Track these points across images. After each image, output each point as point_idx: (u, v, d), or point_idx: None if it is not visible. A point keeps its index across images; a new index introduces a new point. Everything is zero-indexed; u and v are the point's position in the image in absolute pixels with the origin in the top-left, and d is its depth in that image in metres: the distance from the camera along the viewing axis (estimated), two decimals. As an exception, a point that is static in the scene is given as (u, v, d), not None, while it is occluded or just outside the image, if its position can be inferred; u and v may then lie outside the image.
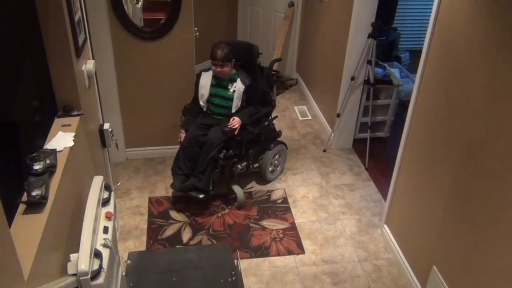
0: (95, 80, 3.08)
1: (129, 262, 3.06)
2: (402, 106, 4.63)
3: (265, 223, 3.56)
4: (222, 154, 3.46)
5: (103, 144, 3.14)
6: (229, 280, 2.96)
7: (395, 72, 4.57)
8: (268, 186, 3.96)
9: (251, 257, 3.25)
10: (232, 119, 3.47)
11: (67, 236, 2.14)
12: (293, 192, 3.90)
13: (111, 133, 3.14)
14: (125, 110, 4.00)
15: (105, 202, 2.32)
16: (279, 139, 4.03)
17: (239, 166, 3.66)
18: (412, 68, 5.23)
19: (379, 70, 4.41)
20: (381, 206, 3.72)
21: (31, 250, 1.66)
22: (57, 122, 2.54)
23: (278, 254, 3.28)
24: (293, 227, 3.52)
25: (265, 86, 3.83)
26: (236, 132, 3.46)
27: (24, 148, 2.66)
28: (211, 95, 3.59)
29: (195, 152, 3.48)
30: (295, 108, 5.24)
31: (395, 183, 3.24)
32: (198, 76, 3.63)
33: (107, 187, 2.40)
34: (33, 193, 1.82)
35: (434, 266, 2.69)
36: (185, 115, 3.68)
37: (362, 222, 3.59)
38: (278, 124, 4.87)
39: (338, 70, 4.24)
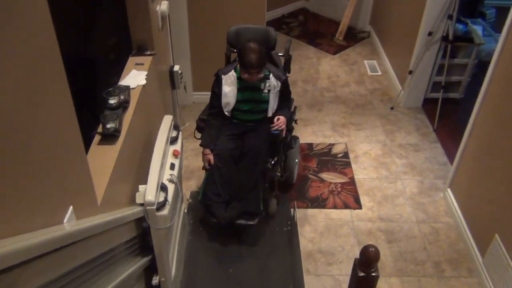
0: (168, 21, 3.14)
1: (190, 200, 3.21)
2: (481, 66, 4.33)
3: (324, 175, 3.57)
4: (269, 163, 2.87)
5: (172, 85, 3.24)
6: (285, 229, 3.03)
7: (477, 29, 4.26)
8: (330, 140, 3.93)
9: (307, 207, 3.30)
10: (276, 118, 2.80)
11: (137, 169, 2.27)
12: (355, 147, 3.86)
13: (180, 75, 3.23)
14: (194, 53, 4.05)
15: (173, 141, 2.43)
16: None
17: (278, 174, 3.08)
18: (497, 26, 4.84)
19: (460, 27, 4.12)
20: (446, 169, 3.60)
21: (104, 177, 1.78)
22: (131, 60, 2.64)
23: (335, 207, 3.30)
24: (352, 182, 3.51)
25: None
26: (284, 134, 2.86)
27: (100, 84, 2.81)
28: (239, 102, 2.81)
29: (232, 171, 2.79)
30: (365, 62, 5.07)
31: (464, 147, 3.10)
32: (218, 81, 2.81)
33: (175, 127, 2.50)
34: (108, 126, 1.94)
35: (496, 235, 2.61)
36: (204, 131, 2.90)
37: (424, 184, 3.51)
38: (345, 78, 4.77)
39: (415, 24, 4.01)
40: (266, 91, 2.79)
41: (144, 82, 2.42)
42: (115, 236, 1.81)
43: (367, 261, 1.51)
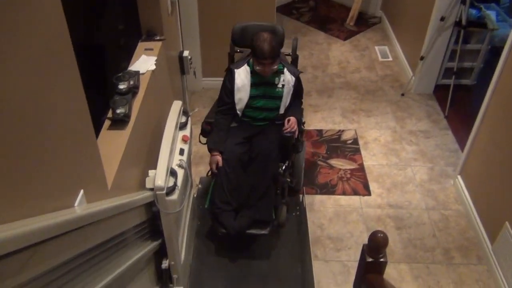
0: (177, 6, 3.12)
1: (200, 186, 3.23)
2: (494, 52, 4.26)
3: (333, 162, 3.57)
4: (281, 169, 2.67)
5: (182, 71, 3.23)
6: (293, 214, 3.04)
7: (491, 14, 4.18)
8: (340, 126, 3.92)
9: (316, 193, 3.30)
10: (287, 120, 2.61)
11: (146, 154, 2.28)
12: (364, 134, 3.84)
13: (190, 61, 3.22)
14: (204, 38, 4.04)
15: (183, 126, 2.44)
16: None
17: (288, 180, 2.82)
18: (511, 11, 4.75)
19: (473, 11, 4.05)
20: (457, 156, 3.57)
21: (114, 162, 1.80)
22: (141, 46, 2.64)
23: (344, 193, 3.30)
24: (361, 169, 3.50)
25: None
26: (296, 136, 2.69)
27: (110, 69, 2.81)
28: (252, 97, 2.68)
29: (240, 177, 2.63)
30: (376, 48, 5.01)
31: (476, 134, 3.07)
32: (231, 75, 2.66)
33: (185, 112, 2.50)
34: (118, 111, 1.94)
35: (506, 223, 2.59)
36: (212, 132, 2.71)
37: (434, 170, 3.48)
38: (356, 64, 4.73)
39: (427, 9, 3.95)
40: (281, 86, 2.67)
41: (153, 67, 2.42)
42: (125, 220, 1.82)
43: (375, 247, 1.51)
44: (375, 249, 1.51)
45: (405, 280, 2.75)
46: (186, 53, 3.21)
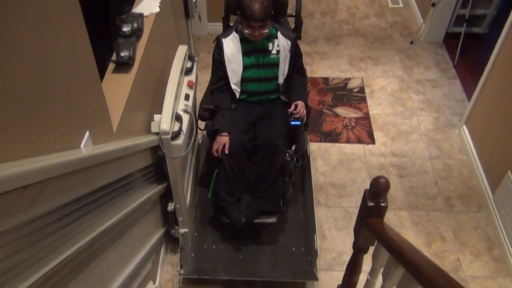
0: None
1: (205, 132, 3.24)
2: (509, 0, 4.13)
3: (339, 110, 3.56)
4: (288, 155, 2.42)
5: (187, 14, 3.17)
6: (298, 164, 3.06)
7: (509, -41, 4.01)
8: (347, 74, 3.87)
9: (320, 141, 3.32)
10: (294, 105, 2.39)
11: (152, 98, 2.28)
12: (371, 82, 3.80)
13: (195, 4, 3.14)
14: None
15: (188, 71, 2.42)
16: None
17: (296, 163, 2.55)
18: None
19: (490, -45, 3.89)
20: (463, 106, 3.54)
21: (119, 105, 1.80)
22: (144, -13, 2.56)
23: (348, 141, 3.31)
24: (366, 117, 3.49)
25: None
26: (305, 120, 2.49)
27: (113, 11, 2.75)
28: (246, 67, 2.41)
29: (245, 165, 2.44)
30: (387, -6, 4.86)
31: (484, 84, 3.03)
32: (219, 46, 2.41)
33: (190, 57, 2.47)
34: (122, 54, 1.93)
35: (509, 172, 2.61)
36: (216, 114, 2.43)
37: (439, 120, 3.47)
38: (365, 10, 4.60)
39: (442, -48, 3.79)
40: (275, 51, 2.41)
41: (157, 9, 2.37)
42: (131, 163, 1.85)
43: (377, 192, 1.53)
44: (376, 194, 1.53)
45: (404, 226, 2.81)
46: (190, -4, 3.13)
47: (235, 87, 2.44)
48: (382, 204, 1.56)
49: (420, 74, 3.87)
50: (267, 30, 2.29)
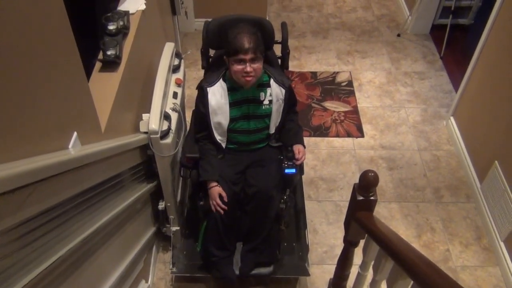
0: None
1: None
2: (494, -9, 4.17)
3: (327, 104, 3.57)
4: (283, 201, 2.24)
5: (173, 11, 3.15)
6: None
7: (493, -50, 4.04)
8: (335, 68, 3.88)
9: (310, 135, 3.33)
10: (296, 149, 2.21)
11: (140, 97, 2.27)
12: (359, 75, 3.81)
13: (181, 0, 3.13)
14: (195, -22, 3.90)
15: (175, 69, 2.41)
16: None
17: (290, 207, 2.38)
18: None
19: None
20: (450, 97, 3.58)
21: (107, 105, 1.79)
22: (130, -16, 2.54)
23: (337, 135, 3.33)
24: (355, 111, 3.51)
25: None
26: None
27: (99, 10, 2.73)
28: (234, 120, 2.17)
29: (236, 216, 2.27)
30: (373, -14, 4.87)
31: (470, 75, 3.06)
32: (203, 96, 2.12)
33: (177, 55, 2.46)
34: (108, 52, 1.91)
35: (496, 162, 2.64)
36: (201, 162, 2.20)
37: (427, 112, 3.50)
38: (352, 3, 4.61)
39: None
40: (267, 101, 2.16)
41: (143, 7, 2.35)
42: (120, 162, 1.85)
43: (365, 186, 1.54)
44: (365, 188, 1.55)
45: (395, 218, 2.84)
46: (177, -8, 3.11)
47: (220, 138, 2.21)
48: (371, 198, 1.57)
49: (408, 67, 3.89)
50: (260, 66, 2.02)
